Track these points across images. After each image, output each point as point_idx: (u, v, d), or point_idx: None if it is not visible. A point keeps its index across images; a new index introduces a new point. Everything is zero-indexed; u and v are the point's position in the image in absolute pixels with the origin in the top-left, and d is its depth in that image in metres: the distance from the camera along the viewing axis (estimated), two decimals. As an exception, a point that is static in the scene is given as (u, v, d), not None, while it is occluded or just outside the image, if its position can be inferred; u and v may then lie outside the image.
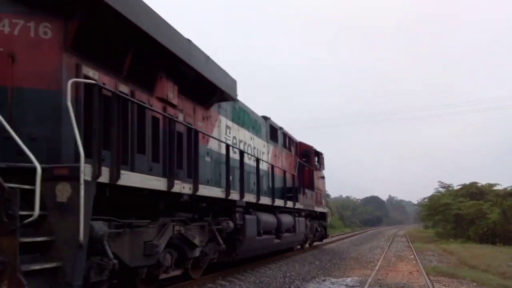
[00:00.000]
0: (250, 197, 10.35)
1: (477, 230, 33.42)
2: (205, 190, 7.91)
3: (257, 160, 11.28)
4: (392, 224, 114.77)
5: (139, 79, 6.73)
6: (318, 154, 20.64)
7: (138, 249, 6.16)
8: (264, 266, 12.77)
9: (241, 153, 10.04)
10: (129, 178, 5.61)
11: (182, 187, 6.99)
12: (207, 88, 8.57)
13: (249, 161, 11.28)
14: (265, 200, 11.55)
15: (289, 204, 13.91)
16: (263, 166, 12.48)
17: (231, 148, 9.54)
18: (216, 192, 8.53)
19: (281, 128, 15.68)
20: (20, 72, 5.24)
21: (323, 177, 21.92)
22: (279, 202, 12.77)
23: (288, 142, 16.64)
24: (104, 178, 5.12)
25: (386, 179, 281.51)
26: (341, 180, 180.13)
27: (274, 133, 14.76)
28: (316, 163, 20.20)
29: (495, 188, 39.36)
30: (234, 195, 9.28)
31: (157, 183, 6.32)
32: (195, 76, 7.85)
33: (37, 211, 4.41)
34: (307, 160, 18.80)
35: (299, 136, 16.49)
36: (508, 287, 12.15)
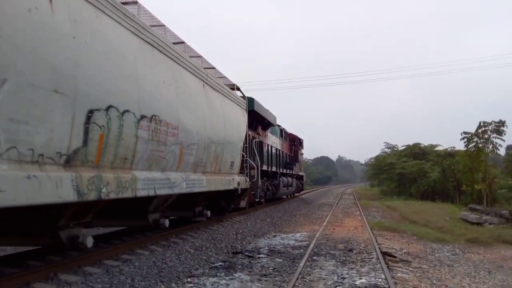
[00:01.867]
0: (280, 169, 23.03)
1: (419, 188, 35.13)
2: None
3: (277, 150, 23.06)
4: (341, 183, 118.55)
5: (255, 130, 17.81)
6: (300, 140, 32.62)
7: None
8: (217, 224, 12.92)
9: (275, 149, 22.51)
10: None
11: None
12: (269, 124, 19.98)
13: (275, 150, 22.50)
14: (283, 170, 23.99)
15: (289, 171, 25.80)
16: (279, 152, 23.84)
17: (271, 147, 21.20)
18: (273, 168, 21.14)
19: (284, 128, 26.32)
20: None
21: (302, 154, 34.47)
22: (286, 170, 24.91)
23: (285, 134, 27.20)
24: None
25: (336, 140, 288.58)
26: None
27: (281, 132, 25.38)
28: (300, 146, 32.36)
29: (436, 148, 41.11)
30: (276, 168, 21.92)
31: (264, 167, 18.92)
32: (267, 122, 19.24)
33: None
34: (294, 143, 29.62)
35: (253, 94, 21.06)
36: (444, 240, 12.96)
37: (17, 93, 4.45)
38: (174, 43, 9.05)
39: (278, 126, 23.50)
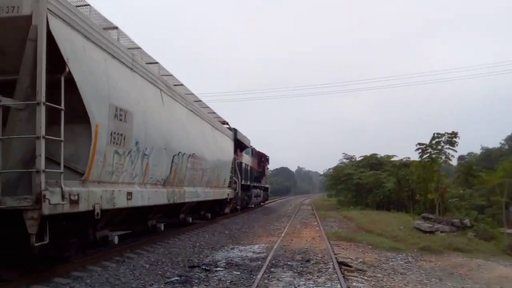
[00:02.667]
0: (252, 183, 27.57)
1: (375, 198, 35.96)
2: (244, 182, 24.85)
3: (250, 167, 27.45)
4: (300, 194, 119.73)
5: (236, 153, 21.53)
6: (267, 157, 37.90)
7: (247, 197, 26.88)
8: (174, 237, 12.74)
9: (249, 166, 26.96)
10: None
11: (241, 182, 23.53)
12: (245, 147, 24.73)
13: (249, 168, 27.01)
14: (254, 183, 28.65)
15: (258, 184, 31.85)
16: (251, 169, 28.32)
17: (246, 165, 25.70)
18: (248, 182, 26.06)
19: (254, 148, 30.65)
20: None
21: (268, 169, 41.43)
22: (256, 183, 30.15)
23: (255, 152, 31.77)
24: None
25: (296, 151, 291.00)
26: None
27: (252, 151, 29.90)
28: (266, 162, 38.02)
29: (392, 159, 42.25)
30: (249, 182, 26.59)
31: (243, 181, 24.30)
32: (244, 145, 24.08)
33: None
34: (262, 160, 34.60)
35: (214, 105, 21.11)
36: (398, 248, 13.28)
37: (154, 151, 9.31)
38: (187, 94, 13.30)
39: (254, 148, 30.76)
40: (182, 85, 12.84)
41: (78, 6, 7.35)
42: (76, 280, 6.95)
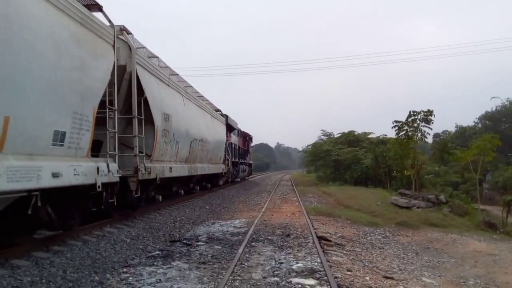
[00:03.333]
0: (239, 159, 32.40)
1: (353, 174, 36.52)
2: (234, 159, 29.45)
3: (237, 146, 31.18)
4: (279, 170, 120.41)
5: (227, 135, 25.91)
6: (250, 136, 41.47)
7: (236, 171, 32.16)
8: (155, 212, 12.67)
9: (236, 145, 30.72)
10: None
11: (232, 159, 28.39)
12: (233, 128, 28.62)
13: (236, 147, 30.65)
14: (241, 160, 33.35)
15: (243, 161, 35.72)
16: (238, 147, 31.81)
17: (234, 144, 29.66)
18: (236, 159, 30.62)
19: (240, 128, 33.77)
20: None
21: (252, 147, 45.51)
22: (242, 160, 34.28)
23: (240, 133, 34.73)
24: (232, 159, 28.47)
25: (275, 128, 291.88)
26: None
27: (238, 132, 33.00)
28: (250, 141, 41.81)
29: (369, 136, 42.70)
30: (237, 159, 31.21)
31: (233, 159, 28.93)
32: (232, 128, 28.01)
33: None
34: (246, 139, 38.12)
35: (190, 80, 22.92)
36: (376, 223, 13.53)
37: (181, 139, 13.44)
38: (186, 86, 16.19)
39: (240, 129, 34.94)
40: (191, 86, 17.51)
41: (150, 57, 11.94)
42: (56, 254, 6.86)
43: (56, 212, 7.33)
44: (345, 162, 38.43)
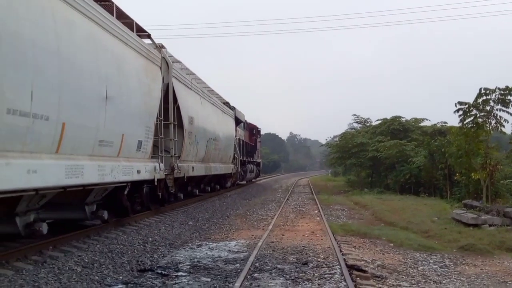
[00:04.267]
0: (246, 158, 39.41)
1: (398, 177, 36.43)
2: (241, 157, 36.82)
3: (243, 142, 37.69)
4: (293, 171, 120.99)
5: (236, 131, 33.82)
6: (258, 129, 49.15)
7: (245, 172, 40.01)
8: (116, 230, 12.70)
9: (242, 141, 36.99)
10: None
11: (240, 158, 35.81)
12: (240, 121, 36.11)
13: (242, 142, 36.85)
14: (248, 158, 40.31)
15: (251, 159, 42.32)
16: (244, 143, 38.07)
17: (241, 140, 36.59)
18: (244, 157, 37.48)
19: (246, 120, 40.03)
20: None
21: (260, 142, 52.60)
22: (249, 158, 40.64)
23: (246, 125, 41.02)
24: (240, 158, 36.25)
25: (287, 113, 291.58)
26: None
27: (244, 125, 38.82)
28: (258, 135, 48.51)
29: (422, 124, 42.49)
30: (244, 157, 37.92)
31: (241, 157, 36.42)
32: (240, 121, 35.50)
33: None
34: (253, 132, 44.65)
35: (178, 41, 21.34)
36: (430, 247, 13.47)
37: (200, 140, 20.78)
38: (199, 83, 22.85)
39: (246, 121, 40.21)
40: (204, 82, 23.76)
41: (173, 62, 17.43)
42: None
43: (130, 200, 14.06)
44: (387, 160, 38.35)
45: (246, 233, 14.68)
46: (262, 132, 63.33)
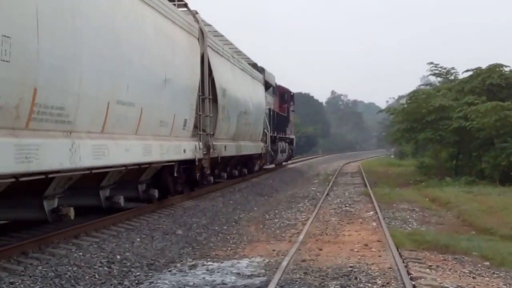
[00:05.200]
0: (277, 133, 48.04)
1: (498, 160, 36.08)
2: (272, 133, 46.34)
3: (274, 112, 46.38)
4: (336, 151, 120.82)
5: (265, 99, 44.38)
6: (291, 94, 57.46)
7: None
8: (67, 244, 12.75)
9: (272, 111, 45.50)
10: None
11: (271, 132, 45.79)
12: (270, 85, 46.01)
13: (272, 113, 45.35)
14: (279, 134, 49.03)
15: (282, 135, 51.19)
16: (274, 114, 46.99)
17: (272, 110, 45.42)
18: (274, 133, 46.25)
19: (276, 83, 48.53)
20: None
21: (293, 111, 60.01)
22: (280, 134, 49.33)
23: (276, 89, 49.95)
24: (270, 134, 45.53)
25: (327, 65, 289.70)
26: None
27: (273, 89, 48.76)
28: (291, 102, 56.57)
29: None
30: (275, 133, 46.74)
31: (271, 133, 45.59)
32: (269, 85, 45.30)
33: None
34: (284, 99, 52.84)
35: None
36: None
37: (231, 114, 28.70)
38: (225, 44, 29.71)
39: (276, 84, 46.18)
40: (231, 44, 28.83)
41: (212, 32, 26.01)
42: None
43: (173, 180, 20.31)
44: (481, 133, 38.04)
45: (263, 247, 14.73)
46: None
